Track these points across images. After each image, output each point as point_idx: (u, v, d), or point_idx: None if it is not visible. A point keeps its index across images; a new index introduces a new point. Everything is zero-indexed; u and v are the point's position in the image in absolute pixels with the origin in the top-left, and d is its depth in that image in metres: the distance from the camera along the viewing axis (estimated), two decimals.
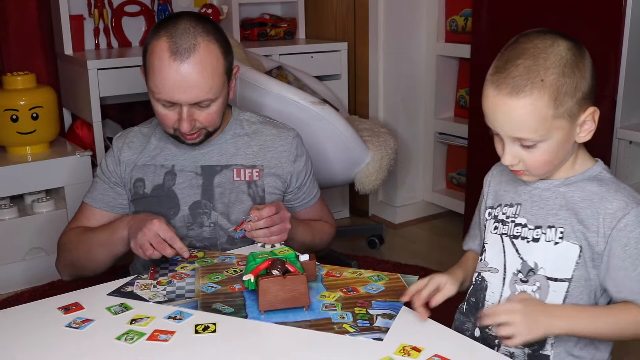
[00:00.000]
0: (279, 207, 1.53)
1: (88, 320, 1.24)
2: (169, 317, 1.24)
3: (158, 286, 1.38)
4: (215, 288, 1.36)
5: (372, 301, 1.29)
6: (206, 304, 1.29)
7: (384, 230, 3.06)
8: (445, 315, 1.39)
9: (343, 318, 1.23)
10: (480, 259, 1.30)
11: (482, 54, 2.72)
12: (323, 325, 1.21)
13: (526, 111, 1.09)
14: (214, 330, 1.20)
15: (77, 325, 1.22)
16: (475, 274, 1.31)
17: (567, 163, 1.20)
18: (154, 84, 1.50)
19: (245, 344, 1.17)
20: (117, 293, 1.35)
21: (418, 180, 3.31)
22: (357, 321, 1.21)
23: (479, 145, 2.69)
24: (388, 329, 1.18)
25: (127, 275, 1.48)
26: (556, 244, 1.17)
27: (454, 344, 1.16)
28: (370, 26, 3.14)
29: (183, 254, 1.46)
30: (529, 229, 1.21)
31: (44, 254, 2.66)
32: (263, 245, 1.54)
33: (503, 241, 1.25)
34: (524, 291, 1.20)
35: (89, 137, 2.88)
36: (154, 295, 1.34)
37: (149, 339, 1.17)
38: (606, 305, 1.21)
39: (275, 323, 1.22)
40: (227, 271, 1.44)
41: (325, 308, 1.27)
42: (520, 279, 1.21)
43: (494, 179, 1.33)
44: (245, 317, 1.24)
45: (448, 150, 3.31)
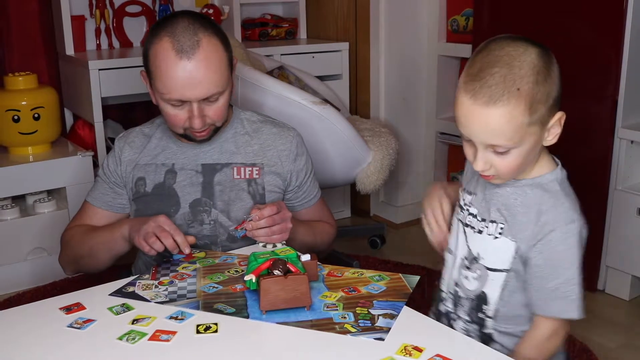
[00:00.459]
0: (280, 207, 1.52)
1: (90, 321, 1.24)
2: (171, 317, 1.25)
3: (160, 286, 1.38)
4: (216, 288, 1.36)
5: (374, 301, 1.29)
6: (208, 304, 1.30)
7: (386, 230, 3.07)
8: None
9: (344, 318, 1.23)
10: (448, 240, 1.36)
11: None
12: (324, 325, 1.21)
13: (504, 120, 1.10)
14: (216, 331, 1.20)
15: (79, 326, 1.23)
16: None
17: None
18: (162, 85, 1.50)
19: (246, 344, 1.17)
20: (119, 293, 1.35)
21: (419, 180, 3.31)
22: (359, 321, 1.21)
23: None
24: (389, 329, 1.18)
25: (129, 275, 1.48)
26: (495, 238, 1.23)
27: (455, 344, 1.16)
28: (371, 26, 3.15)
29: (184, 249, 1.46)
30: (478, 220, 1.26)
31: (45, 254, 2.66)
32: (264, 245, 1.54)
33: (458, 227, 1.31)
34: (465, 277, 1.28)
35: (90, 138, 2.88)
36: (156, 296, 1.34)
37: (150, 339, 1.18)
38: None
39: (277, 323, 1.22)
40: (229, 271, 1.45)
41: (327, 308, 1.27)
42: (465, 265, 1.28)
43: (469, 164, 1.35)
44: (247, 317, 1.24)
45: (449, 150, 3.31)
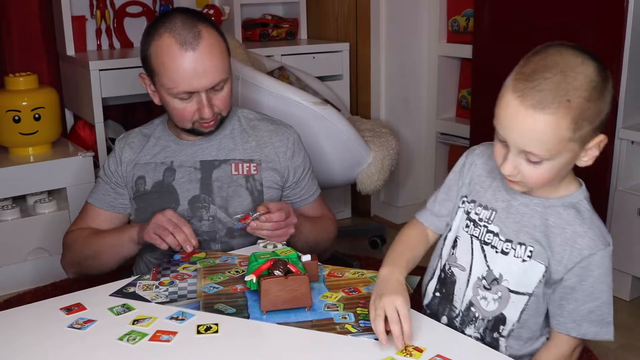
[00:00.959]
0: (289, 213, 1.51)
1: (90, 321, 1.24)
2: (171, 318, 1.25)
3: (160, 287, 1.38)
4: (217, 288, 1.36)
5: None
6: (208, 304, 1.30)
7: (386, 230, 3.06)
8: None
9: (345, 318, 1.23)
10: (452, 253, 1.30)
11: (484, 54, 2.72)
12: (325, 325, 1.21)
13: (547, 129, 1.05)
14: (216, 331, 1.20)
15: (80, 326, 1.23)
16: (445, 265, 1.31)
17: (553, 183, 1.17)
18: (168, 80, 1.52)
19: (247, 345, 1.17)
20: (120, 294, 1.36)
21: (420, 181, 3.30)
22: (359, 321, 1.21)
23: None
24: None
25: (130, 275, 1.49)
26: (524, 261, 1.18)
27: (455, 344, 1.16)
28: (372, 26, 3.14)
29: (191, 239, 1.46)
30: (500, 240, 1.21)
31: (46, 254, 2.66)
32: (265, 246, 1.54)
33: (472, 243, 1.25)
34: (483, 298, 1.23)
35: (91, 138, 2.88)
36: (156, 296, 1.34)
37: (151, 339, 1.18)
38: None
39: (277, 323, 1.22)
40: (229, 272, 1.45)
41: (327, 308, 1.27)
42: (484, 286, 1.23)
43: (475, 168, 1.30)
44: (247, 318, 1.24)
45: (450, 150, 3.31)
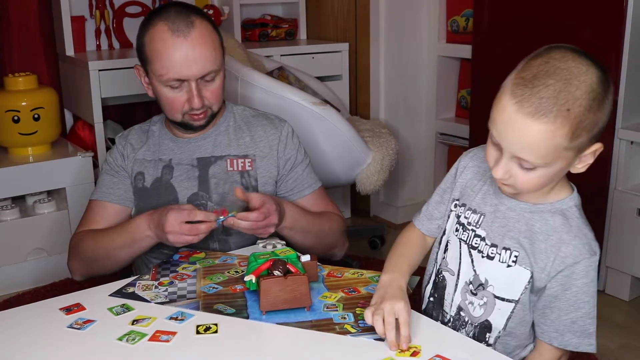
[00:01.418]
0: (269, 213, 1.48)
1: (90, 321, 1.24)
2: (171, 318, 1.25)
3: (159, 287, 1.38)
4: (216, 289, 1.36)
5: None
6: (208, 304, 1.30)
7: (386, 230, 3.06)
8: None
9: (344, 318, 1.23)
10: (443, 257, 1.29)
11: (483, 55, 2.72)
12: (324, 325, 1.21)
13: (543, 137, 1.02)
14: (216, 331, 1.20)
15: (79, 326, 1.23)
16: (436, 269, 1.31)
17: (544, 189, 1.15)
18: (160, 66, 1.54)
19: (246, 345, 1.17)
20: (119, 294, 1.36)
21: (419, 181, 3.31)
22: (359, 321, 1.21)
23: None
24: None
25: (129, 275, 1.49)
26: (509, 266, 1.17)
27: (455, 345, 1.16)
28: (371, 27, 3.15)
29: (210, 219, 1.44)
30: (486, 244, 1.20)
31: (46, 254, 2.66)
32: (264, 246, 1.55)
33: (461, 247, 1.25)
34: (470, 303, 1.22)
35: (90, 138, 2.88)
36: (156, 296, 1.34)
37: (150, 339, 1.18)
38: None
39: (277, 324, 1.22)
40: (229, 272, 1.45)
41: (327, 308, 1.27)
42: (471, 290, 1.22)
43: (467, 172, 1.29)
44: (247, 318, 1.24)
45: (449, 150, 3.31)
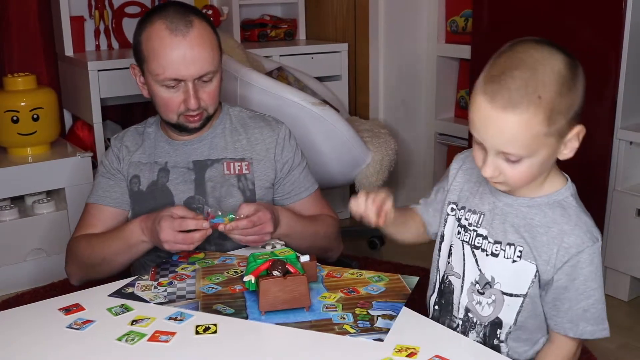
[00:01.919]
0: (261, 221, 1.46)
1: (89, 321, 1.24)
2: (170, 318, 1.25)
3: (159, 287, 1.38)
4: (215, 289, 1.36)
5: (373, 302, 1.29)
6: (207, 304, 1.30)
7: None
8: None
9: (344, 319, 1.23)
10: (448, 262, 1.29)
11: (483, 55, 2.71)
12: (324, 326, 1.21)
13: (520, 128, 1.04)
14: (215, 331, 1.20)
15: (78, 326, 1.23)
16: (444, 275, 1.31)
17: (537, 181, 1.16)
18: (157, 65, 1.53)
19: (246, 345, 1.17)
20: (118, 294, 1.35)
21: (418, 181, 3.31)
22: (358, 322, 1.21)
23: None
24: (389, 329, 1.18)
25: (128, 276, 1.48)
26: (514, 261, 1.18)
27: (454, 345, 1.16)
28: (370, 27, 3.14)
29: (202, 226, 1.43)
30: (489, 242, 1.20)
31: (45, 255, 2.66)
32: (263, 247, 1.54)
33: (464, 249, 1.25)
34: (478, 303, 1.23)
35: (89, 138, 2.88)
36: (155, 296, 1.34)
37: (149, 339, 1.18)
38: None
39: (276, 324, 1.22)
40: (228, 272, 1.45)
41: (326, 309, 1.27)
42: (477, 290, 1.22)
43: (461, 175, 1.30)
44: (246, 318, 1.24)
45: (448, 151, 3.31)
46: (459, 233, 1.26)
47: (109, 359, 1.14)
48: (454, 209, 1.29)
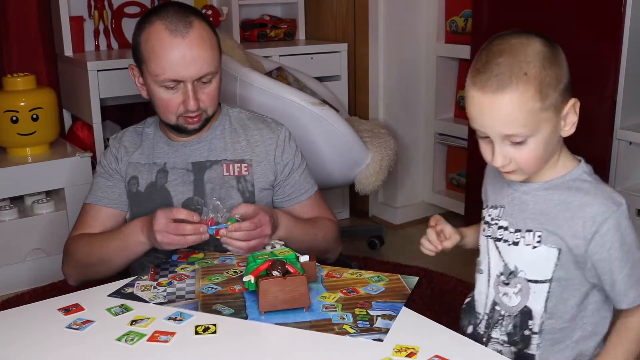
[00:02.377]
0: (260, 223, 1.46)
1: (88, 322, 1.24)
2: (169, 318, 1.25)
3: (158, 287, 1.38)
4: (215, 289, 1.36)
5: (372, 302, 1.29)
6: (206, 305, 1.30)
7: (384, 231, 3.06)
8: (445, 316, 1.39)
9: (343, 319, 1.23)
10: (477, 261, 1.31)
11: None
12: (323, 326, 1.21)
13: (514, 106, 1.08)
14: (215, 331, 1.20)
15: (78, 327, 1.23)
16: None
17: (550, 164, 1.18)
18: (156, 66, 1.52)
19: (245, 345, 1.17)
20: (118, 294, 1.35)
21: (418, 181, 3.31)
22: (358, 322, 1.21)
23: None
24: (388, 329, 1.18)
25: (128, 276, 1.48)
26: (534, 247, 1.18)
27: (453, 345, 1.16)
28: (370, 27, 3.15)
29: (192, 218, 1.43)
30: (510, 232, 1.22)
31: (44, 255, 2.66)
32: (263, 247, 1.54)
33: (488, 243, 1.26)
34: (505, 294, 1.23)
35: (89, 138, 2.88)
36: (155, 297, 1.34)
37: (149, 340, 1.18)
38: None
39: (276, 324, 1.22)
40: (227, 272, 1.45)
41: (326, 309, 1.27)
42: (503, 281, 1.23)
43: (487, 178, 1.34)
44: (246, 318, 1.24)
45: (448, 151, 3.31)
46: (484, 230, 1.28)
47: (108, 359, 1.14)
48: (482, 213, 1.31)
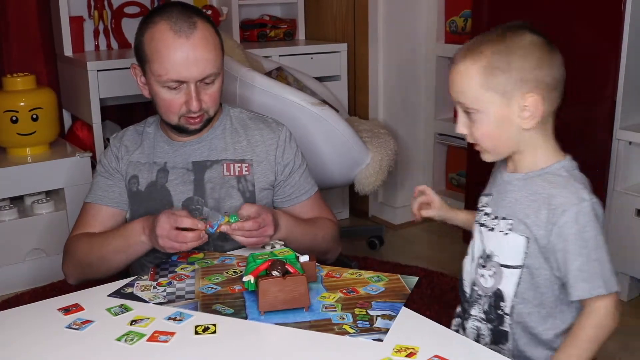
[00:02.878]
0: (264, 223, 1.46)
1: (88, 322, 1.24)
2: (169, 318, 1.25)
3: (158, 287, 1.38)
4: (215, 289, 1.36)
5: (372, 302, 1.29)
6: (206, 305, 1.30)
7: (384, 231, 3.07)
8: (444, 316, 1.39)
9: (343, 319, 1.23)
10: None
11: None
12: (323, 326, 1.21)
13: (462, 76, 1.21)
14: (214, 331, 1.20)
15: (78, 327, 1.23)
16: None
17: (527, 157, 1.24)
18: (160, 66, 1.52)
19: (245, 345, 1.17)
20: (117, 294, 1.35)
21: (418, 181, 3.30)
22: (357, 322, 1.21)
23: None
24: (388, 329, 1.18)
25: (128, 276, 1.48)
26: (506, 234, 1.24)
27: (453, 345, 1.16)
28: (370, 27, 3.15)
29: (197, 227, 1.42)
30: (490, 219, 1.28)
31: (44, 255, 2.66)
32: (263, 247, 1.54)
33: (475, 228, 1.33)
34: (482, 276, 1.29)
35: (88, 139, 2.88)
36: (154, 297, 1.34)
37: (149, 340, 1.18)
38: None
39: (276, 324, 1.22)
40: (227, 272, 1.45)
41: (325, 309, 1.27)
42: (480, 264, 1.29)
43: (494, 169, 1.40)
44: (245, 318, 1.24)
45: (448, 151, 3.31)
46: (476, 215, 1.34)
47: (108, 359, 1.14)
48: (480, 200, 1.36)
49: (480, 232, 1.30)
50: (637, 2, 2.26)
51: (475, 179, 2.83)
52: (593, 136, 2.43)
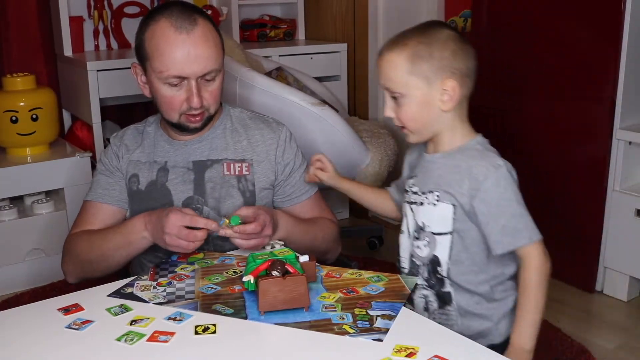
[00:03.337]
0: (264, 224, 1.46)
1: (88, 322, 1.24)
2: (169, 318, 1.25)
3: (158, 287, 1.38)
4: (215, 289, 1.36)
5: (372, 302, 1.29)
6: (206, 305, 1.30)
7: (384, 231, 3.07)
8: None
9: (343, 319, 1.23)
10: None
11: (482, 55, 2.72)
12: (323, 326, 1.21)
13: (390, 64, 1.36)
14: (214, 331, 1.20)
15: (77, 327, 1.23)
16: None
17: (447, 137, 1.39)
18: (161, 62, 1.52)
19: (245, 345, 1.17)
20: (117, 294, 1.35)
21: None
22: (357, 322, 1.21)
23: None
24: (388, 329, 1.18)
25: (127, 276, 1.48)
26: (434, 205, 1.38)
27: (453, 345, 1.16)
28: (369, 27, 3.15)
29: (211, 227, 1.43)
30: (419, 195, 1.42)
31: (44, 255, 2.66)
32: (263, 247, 1.54)
33: (406, 208, 1.47)
34: (417, 247, 1.42)
35: (88, 139, 2.88)
36: (154, 297, 1.34)
37: (149, 340, 1.18)
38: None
39: (275, 324, 1.22)
40: (227, 272, 1.45)
41: (325, 309, 1.27)
42: (415, 237, 1.43)
43: (407, 156, 1.55)
44: (245, 318, 1.24)
45: None
46: (405, 197, 1.47)
47: (108, 359, 1.14)
48: (406, 183, 1.49)
49: (411, 210, 1.44)
50: (637, 2, 2.26)
51: None
52: (593, 136, 2.43)
